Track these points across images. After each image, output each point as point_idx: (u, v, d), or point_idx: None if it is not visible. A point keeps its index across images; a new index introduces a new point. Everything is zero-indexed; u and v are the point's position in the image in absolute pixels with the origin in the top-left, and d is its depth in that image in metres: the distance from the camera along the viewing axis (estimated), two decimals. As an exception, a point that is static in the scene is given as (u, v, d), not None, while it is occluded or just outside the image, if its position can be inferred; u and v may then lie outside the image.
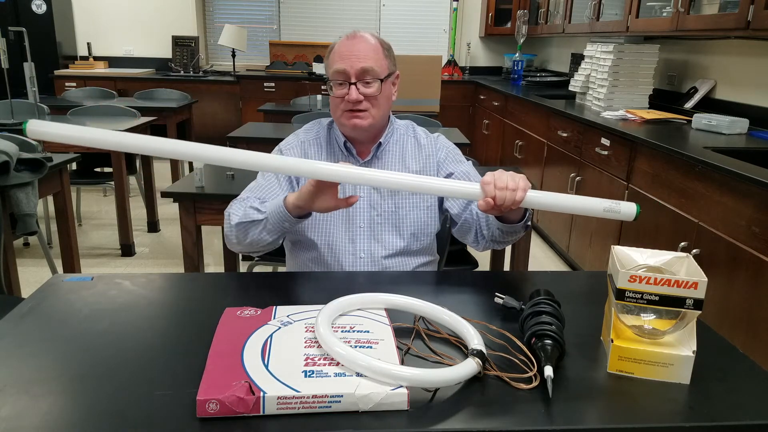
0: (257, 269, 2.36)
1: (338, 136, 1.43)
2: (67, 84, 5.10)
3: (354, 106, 1.34)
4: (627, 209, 1.11)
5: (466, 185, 1.15)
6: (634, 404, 0.82)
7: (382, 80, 1.34)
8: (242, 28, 5.47)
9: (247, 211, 1.31)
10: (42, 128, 1.02)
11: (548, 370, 0.84)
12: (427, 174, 1.45)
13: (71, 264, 2.64)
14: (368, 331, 0.93)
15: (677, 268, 0.95)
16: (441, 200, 1.46)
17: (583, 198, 1.12)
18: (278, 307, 1.01)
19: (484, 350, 0.87)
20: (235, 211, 1.34)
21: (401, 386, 0.79)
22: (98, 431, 0.73)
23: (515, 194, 1.11)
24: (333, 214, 1.40)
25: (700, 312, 0.86)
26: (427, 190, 1.16)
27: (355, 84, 1.33)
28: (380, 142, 1.43)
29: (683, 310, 0.86)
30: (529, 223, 1.30)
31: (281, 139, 1.51)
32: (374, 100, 1.35)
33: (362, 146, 1.44)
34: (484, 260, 2.30)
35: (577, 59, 4.29)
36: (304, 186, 1.20)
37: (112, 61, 5.75)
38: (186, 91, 4.69)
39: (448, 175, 1.45)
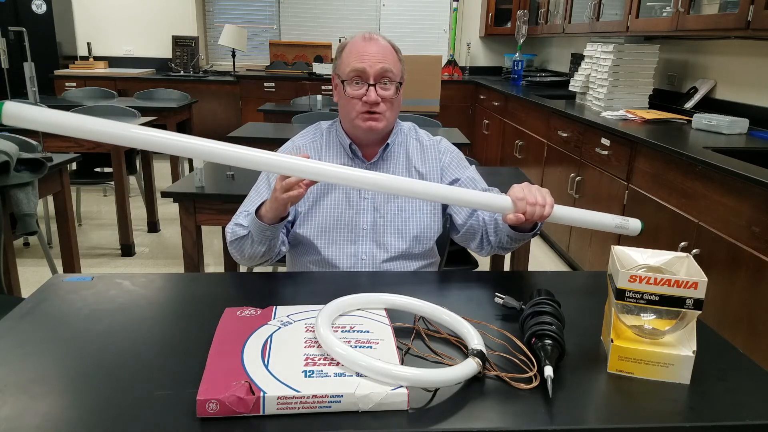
0: (257, 269, 2.36)
1: (343, 139, 1.42)
2: (67, 84, 5.10)
3: (371, 107, 1.33)
4: (634, 225, 1.24)
5: (498, 199, 1.19)
6: (634, 404, 0.82)
7: (398, 84, 1.34)
8: (242, 28, 5.47)
9: (234, 229, 1.35)
10: (20, 112, 0.91)
11: (548, 370, 0.84)
12: (430, 176, 1.44)
13: (71, 264, 2.64)
14: (368, 331, 0.93)
15: (677, 268, 0.95)
16: (444, 204, 1.46)
17: (598, 214, 1.23)
18: (278, 307, 1.01)
19: (484, 350, 0.87)
20: (228, 230, 1.37)
21: (401, 386, 0.79)
22: (98, 431, 0.73)
23: (544, 209, 1.16)
24: (336, 217, 1.39)
25: (700, 312, 0.86)
26: (460, 201, 1.17)
27: (374, 85, 1.32)
28: (387, 143, 1.43)
29: (683, 310, 0.86)
30: (539, 232, 1.31)
31: (281, 140, 1.51)
32: (389, 103, 1.35)
33: (368, 149, 1.43)
34: (484, 260, 2.30)
35: (577, 59, 4.29)
36: (271, 198, 1.21)
37: (112, 61, 5.74)
38: (186, 91, 4.69)
39: (454, 181, 1.45)
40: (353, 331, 0.93)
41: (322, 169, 1.07)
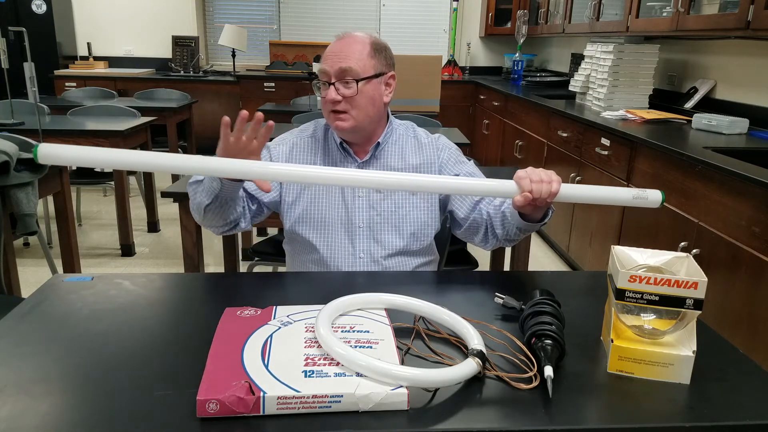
0: (257, 269, 2.36)
1: (335, 137, 1.43)
2: (67, 84, 5.10)
3: (333, 106, 1.34)
4: (653, 196, 1.15)
5: (500, 183, 1.17)
6: (634, 404, 0.82)
7: (359, 80, 1.32)
8: (242, 28, 5.47)
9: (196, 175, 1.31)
10: (54, 151, 0.99)
11: (548, 370, 0.84)
12: (428, 173, 1.44)
13: (71, 264, 2.64)
14: (368, 331, 0.93)
15: (677, 268, 0.95)
16: (442, 200, 1.46)
17: (612, 188, 1.17)
18: (278, 307, 1.01)
19: (484, 350, 0.87)
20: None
21: (401, 386, 0.79)
22: (98, 431, 0.73)
23: (551, 186, 1.15)
24: (332, 216, 1.40)
25: (700, 312, 0.86)
26: (462, 190, 1.17)
27: (333, 84, 1.32)
28: (378, 142, 1.43)
29: (683, 310, 0.86)
30: (550, 217, 1.30)
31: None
32: (352, 101, 1.33)
33: (358, 147, 1.44)
34: (484, 260, 2.30)
35: (577, 59, 4.29)
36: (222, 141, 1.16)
37: (112, 61, 5.74)
38: (186, 91, 4.69)
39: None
40: (353, 331, 0.93)
41: (311, 174, 1.08)
